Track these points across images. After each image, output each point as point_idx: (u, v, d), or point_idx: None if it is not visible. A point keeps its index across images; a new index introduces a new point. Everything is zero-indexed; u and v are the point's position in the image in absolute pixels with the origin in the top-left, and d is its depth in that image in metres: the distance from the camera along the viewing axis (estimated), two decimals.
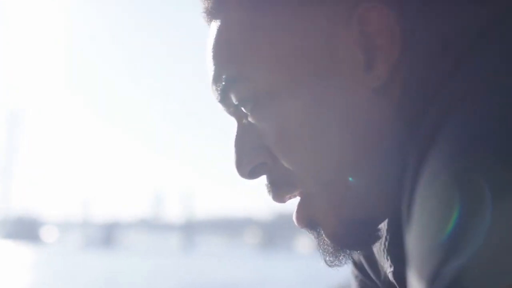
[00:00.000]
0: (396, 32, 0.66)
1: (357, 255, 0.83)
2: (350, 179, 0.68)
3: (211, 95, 0.74)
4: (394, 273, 0.74)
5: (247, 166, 0.73)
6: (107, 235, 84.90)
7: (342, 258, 0.72)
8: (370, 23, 0.66)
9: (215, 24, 0.74)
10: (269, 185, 0.74)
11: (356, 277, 0.88)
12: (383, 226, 0.73)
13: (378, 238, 0.72)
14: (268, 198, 0.74)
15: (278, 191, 0.73)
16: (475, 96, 0.53)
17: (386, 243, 0.74)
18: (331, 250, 0.72)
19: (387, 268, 0.75)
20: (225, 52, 0.71)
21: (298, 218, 0.73)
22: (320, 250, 0.73)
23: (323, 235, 0.72)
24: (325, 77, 0.67)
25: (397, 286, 0.75)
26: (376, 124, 0.67)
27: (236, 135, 0.74)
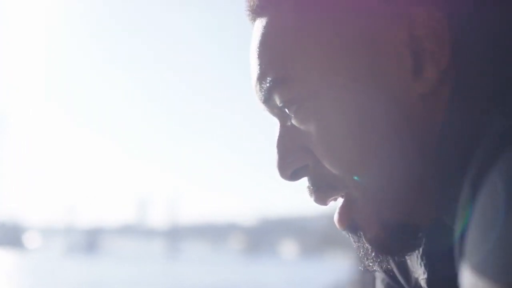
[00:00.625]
0: (446, 37, 0.64)
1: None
2: (395, 184, 0.67)
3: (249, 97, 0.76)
4: (427, 280, 0.73)
5: (290, 168, 0.72)
6: (91, 241, 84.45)
7: (382, 263, 0.72)
8: (419, 27, 0.65)
9: (260, 23, 0.73)
10: (311, 188, 0.72)
11: (383, 280, 0.87)
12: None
13: (419, 245, 0.71)
14: (310, 197, 0.73)
15: (321, 194, 0.72)
16: None
17: (421, 250, 0.73)
18: (371, 254, 0.71)
19: (420, 274, 0.75)
20: (271, 52, 0.70)
21: (340, 220, 0.72)
22: (360, 254, 0.72)
23: (364, 240, 0.71)
24: (373, 80, 0.67)
25: None
26: (423, 131, 0.66)
27: (279, 137, 0.73)
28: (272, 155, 0.73)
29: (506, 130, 0.53)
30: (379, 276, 0.88)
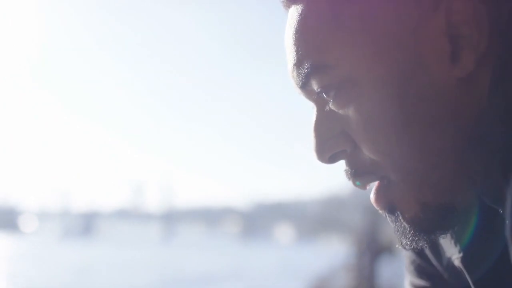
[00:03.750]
0: (484, 22, 0.65)
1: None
2: (435, 166, 0.68)
3: (286, 80, 0.74)
4: (463, 258, 0.74)
5: (328, 152, 0.73)
6: (86, 225, 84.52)
7: (419, 242, 0.72)
8: (457, 12, 0.65)
9: (296, 11, 0.73)
10: (349, 172, 0.74)
11: (413, 261, 0.88)
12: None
13: (456, 224, 0.72)
14: (348, 180, 0.74)
15: (359, 179, 0.73)
16: None
17: (455, 229, 0.74)
18: (410, 233, 0.72)
19: (454, 253, 0.76)
20: (309, 39, 0.71)
21: (377, 200, 0.73)
22: (398, 234, 0.73)
23: (402, 219, 0.72)
24: (411, 66, 0.67)
25: (466, 272, 0.75)
26: (462, 114, 0.67)
27: (316, 121, 0.73)
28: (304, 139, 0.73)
29: None
30: (409, 256, 0.89)
